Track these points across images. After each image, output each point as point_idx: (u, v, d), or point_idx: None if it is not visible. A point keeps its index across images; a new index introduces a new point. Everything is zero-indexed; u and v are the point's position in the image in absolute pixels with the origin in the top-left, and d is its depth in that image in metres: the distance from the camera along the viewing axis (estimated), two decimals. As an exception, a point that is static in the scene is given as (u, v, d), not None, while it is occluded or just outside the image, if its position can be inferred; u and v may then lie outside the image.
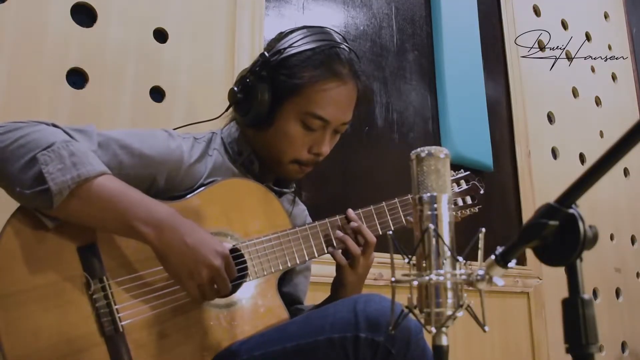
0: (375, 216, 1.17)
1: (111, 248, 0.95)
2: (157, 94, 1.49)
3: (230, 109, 1.19)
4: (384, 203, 1.19)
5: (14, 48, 1.28)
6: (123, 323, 0.92)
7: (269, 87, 1.09)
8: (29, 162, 0.86)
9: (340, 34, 1.18)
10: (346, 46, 1.15)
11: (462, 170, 1.32)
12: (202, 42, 1.58)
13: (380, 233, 1.17)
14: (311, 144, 1.13)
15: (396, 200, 1.20)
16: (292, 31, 1.14)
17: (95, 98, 1.37)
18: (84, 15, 1.41)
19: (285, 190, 1.21)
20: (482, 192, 1.29)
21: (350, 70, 1.14)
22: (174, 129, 1.14)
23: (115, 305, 0.92)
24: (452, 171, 1.27)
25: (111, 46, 1.42)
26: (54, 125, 0.94)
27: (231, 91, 1.14)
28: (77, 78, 1.37)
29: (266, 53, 1.11)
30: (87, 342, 0.89)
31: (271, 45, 1.15)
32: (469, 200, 1.29)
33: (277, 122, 1.11)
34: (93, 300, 0.91)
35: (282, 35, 1.15)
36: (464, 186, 1.29)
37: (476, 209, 1.29)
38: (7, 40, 1.28)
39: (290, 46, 1.10)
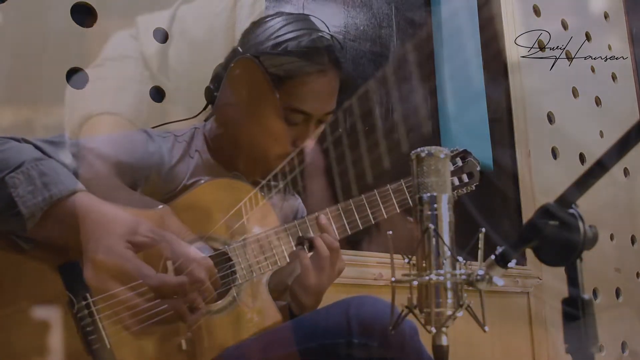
0: (367, 205, 1.13)
1: None
2: (157, 94, 1.49)
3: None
4: (375, 191, 1.14)
5: (14, 48, 1.28)
6: (110, 339, 0.88)
7: None
8: None
9: (320, 19, 1.11)
10: (326, 33, 1.08)
11: (457, 148, 1.27)
12: (202, 42, 1.58)
13: (373, 222, 1.13)
14: (295, 138, 1.08)
15: (388, 187, 1.16)
16: (266, 21, 1.08)
17: (95, 98, 1.37)
18: (84, 15, 1.41)
19: (273, 183, 1.17)
20: (479, 168, 1.23)
21: (330, 59, 1.07)
22: (153, 127, 1.10)
23: (101, 322, 0.88)
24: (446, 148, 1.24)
25: (111, 46, 1.42)
26: (25, 140, 0.90)
27: (207, 89, 1.10)
28: (77, 78, 1.37)
29: (239, 48, 1.06)
30: None
31: (244, 38, 1.10)
32: (465, 178, 1.23)
33: None
34: (78, 318, 0.87)
35: (255, 26, 1.10)
36: (460, 163, 1.24)
37: (473, 187, 1.23)
38: (7, 40, 1.28)
39: (266, 39, 1.04)
